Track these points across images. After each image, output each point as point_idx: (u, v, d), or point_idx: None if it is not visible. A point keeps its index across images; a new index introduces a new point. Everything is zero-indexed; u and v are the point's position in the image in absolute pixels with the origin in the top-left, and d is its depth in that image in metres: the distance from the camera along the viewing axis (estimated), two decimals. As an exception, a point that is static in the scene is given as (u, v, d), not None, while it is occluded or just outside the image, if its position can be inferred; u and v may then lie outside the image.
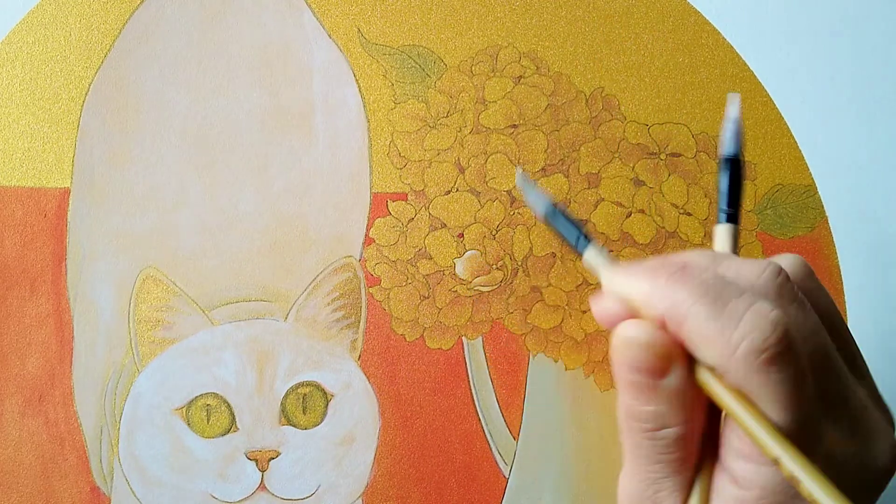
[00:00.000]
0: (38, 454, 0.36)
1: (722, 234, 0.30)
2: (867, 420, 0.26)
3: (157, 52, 0.38)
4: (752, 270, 0.26)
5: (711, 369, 0.26)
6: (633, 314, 0.26)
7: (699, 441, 0.28)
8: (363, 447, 0.37)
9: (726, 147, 0.30)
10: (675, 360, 0.26)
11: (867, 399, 0.27)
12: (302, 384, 0.37)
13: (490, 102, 0.38)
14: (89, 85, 0.37)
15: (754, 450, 0.25)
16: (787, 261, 0.28)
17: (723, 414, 0.27)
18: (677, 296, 0.25)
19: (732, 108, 0.30)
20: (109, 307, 0.37)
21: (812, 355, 0.25)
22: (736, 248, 0.30)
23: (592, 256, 0.28)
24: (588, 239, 0.29)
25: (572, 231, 0.29)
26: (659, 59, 0.39)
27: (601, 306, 0.27)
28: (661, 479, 0.28)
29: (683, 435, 0.27)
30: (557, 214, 0.30)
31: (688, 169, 0.39)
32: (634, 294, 0.26)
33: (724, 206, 0.30)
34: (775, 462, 0.24)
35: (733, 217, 0.30)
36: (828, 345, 0.26)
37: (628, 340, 0.26)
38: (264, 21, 0.38)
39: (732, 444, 0.26)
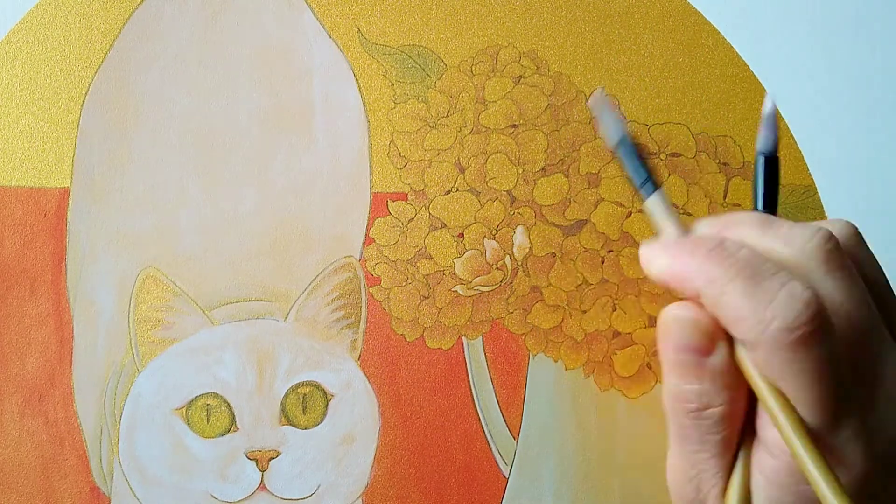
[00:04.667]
0: (38, 454, 0.36)
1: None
2: None
3: (157, 52, 0.38)
4: (800, 236, 0.26)
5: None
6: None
7: (741, 422, 0.28)
8: (363, 447, 0.37)
9: (762, 144, 0.29)
10: (720, 338, 0.26)
11: None
12: (302, 384, 0.37)
13: (490, 102, 0.38)
14: (89, 85, 0.37)
15: None
16: (837, 227, 0.28)
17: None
18: (713, 273, 0.25)
19: (768, 104, 0.29)
20: (109, 307, 0.37)
21: (852, 331, 0.25)
22: None
23: (654, 204, 0.28)
24: (655, 186, 0.28)
25: (641, 172, 0.28)
26: (659, 59, 0.39)
27: (652, 259, 0.27)
28: (706, 459, 0.28)
29: (727, 414, 0.27)
30: (630, 149, 0.28)
31: (688, 169, 0.39)
32: (674, 270, 0.26)
33: (759, 207, 0.29)
34: (787, 442, 0.24)
35: (772, 206, 0.29)
36: (872, 320, 0.26)
37: (676, 319, 0.27)
38: (264, 21, 0.38)
39: (764, 413, 0.26)
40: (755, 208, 0.29)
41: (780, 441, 0.26)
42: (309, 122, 0.38)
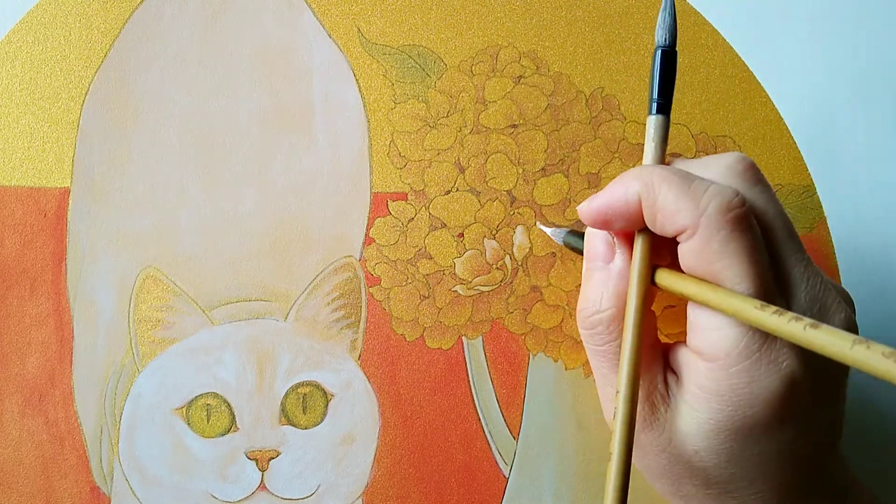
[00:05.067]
0: (38, 454, 0.36)
1: (652, 124, 0.32)
2: (823, 290, 0.29)
3: (157, 52, 0.38)
4: (718, 160, 0.30)
5: (664, 269, 0.30)
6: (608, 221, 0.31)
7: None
8: (363, 447, 0.37)
9: (659, 37, 0.32)
10: (620, 247, 0.31)
11: (823, 277, 0.30)
12: (302, 384, 0.37)
13: (490, 102, 0.38)
14: (89, 85, 0.37)
15: (712, 320, 0.28)
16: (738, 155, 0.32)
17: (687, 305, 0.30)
18: (649, 178, 0.29)
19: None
20: (109, 307, 0.37)
21: (777, 232, 0.29)
22: (666, 140, 0.32)
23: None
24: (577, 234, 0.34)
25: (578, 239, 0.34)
26: (659, 59, 0.39)
27: (591, 200, 0.32)
28: (607, 374, 0.32)
29: (615, 317, 0.31)
30: (572, 238, 0.35)
31: (687, 169, 0.39)
32: (612, 193, 0.30)
33: (655, 95, 0.32)
34: (740, 314, 0.27)
35: (664, 107, 0.32)
36: (790, 227, 0.30)
37: (588, 235, 0.33)
38: (264, 21, 0.38)
39: (695, 323, 0.29)
40: (651, 98, 0.32)
41: (712, 343, 0.28)
42: (309, 122, 0.38)
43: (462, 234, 0.38)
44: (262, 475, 0.36)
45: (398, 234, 0.38)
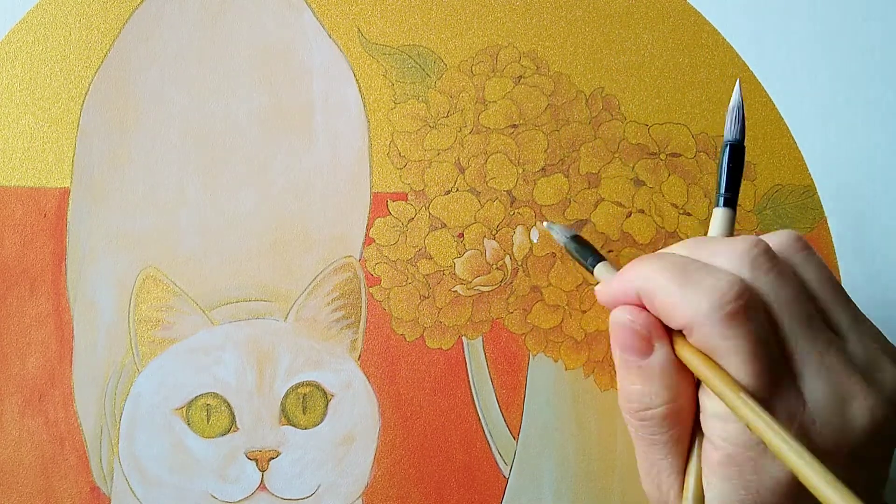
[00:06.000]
0: (38, 454, 0.36)
1: (718, 217, 0.32)
2: (842, 382, 0.28)
3: (157, 52, 0.38)
4: (729, 246, 0.29)
5: (683, 338, 0.29)
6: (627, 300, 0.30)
7: (690, 423, 0.30)
8: (363, 447, 0.37)
9: (728, 133, 0.32)
10: (658, 340, 0.29)
11: (846, 362, 0.28)
12: (302, 384, 0.37)
13: (490, 102, 0.38)
14: (89, 85, 0.37)
15: (721, 408, 0.28)
16: (777, 235, 0.30)
17: (701, 383, 0.30)
18: (647, 273, 0.29)
19: (735, 96, 0.32)
20: (109, 307, 0.37)
21: (785, 324, 0.28)
22: (731, 232, 0.32)
23: (601, 270, 0.33)
24: (599, 259, 0.34)
25: (587, 255, 0.34)
26: (659, 59, 0.39)
27: (604, 286, 0.32)
28: (659, 460, 0.31)
29: (668, 415, 0.29)
30: (576, 242, 0.35)
31: (688, 169, 0.39)
32: (619, 284, 0.30)
33: (722, 190, 0.32)
34: (735, 411, 0.26)
35: (730, 202, 0.32)
36: (805, 312, 0.28)
37: (617, 322, 0.30)
38: (264, 21, 0.38)
39: (705, 406, 0.29)
40: (718, 192, 0.32)
41: (720, 433, 0.28)
42: (309, 122, 0.38)
43: (462, 234, 0.38)
44: (262, 475, 0.36)
45: (398, 234, 0.38)
